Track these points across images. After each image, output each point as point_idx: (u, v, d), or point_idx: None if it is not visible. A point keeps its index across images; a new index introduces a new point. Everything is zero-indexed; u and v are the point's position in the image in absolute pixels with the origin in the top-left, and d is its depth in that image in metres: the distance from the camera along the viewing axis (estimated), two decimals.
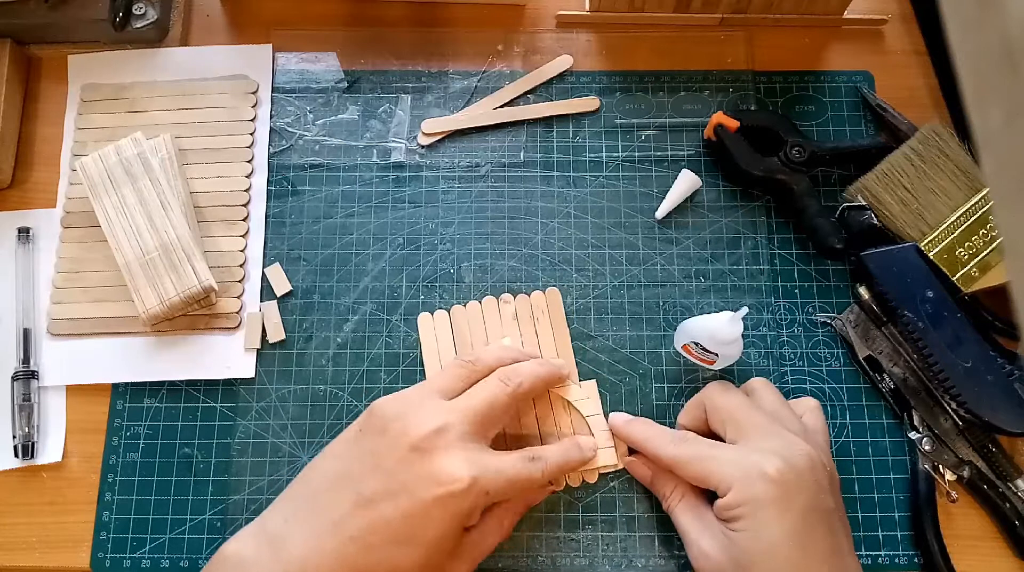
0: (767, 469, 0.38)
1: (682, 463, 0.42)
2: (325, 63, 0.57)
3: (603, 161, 0.54)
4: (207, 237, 0.52)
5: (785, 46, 0.57)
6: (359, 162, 0.54)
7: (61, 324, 0.50)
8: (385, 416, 0.41)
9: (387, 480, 0.38)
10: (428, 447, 0.39)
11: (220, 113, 0.55)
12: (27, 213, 0.53)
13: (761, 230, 0.52)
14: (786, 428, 0.42)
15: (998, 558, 0.46)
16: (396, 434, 0.39)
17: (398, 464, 0.38)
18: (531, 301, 0.51)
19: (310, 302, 0.51)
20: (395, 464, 0.39)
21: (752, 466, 0.39)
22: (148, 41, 0.56)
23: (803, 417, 0.44)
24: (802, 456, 0.40)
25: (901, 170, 0.49)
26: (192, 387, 0.49)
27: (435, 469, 0.38)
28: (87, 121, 0.55)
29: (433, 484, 0.38)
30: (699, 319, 0.46)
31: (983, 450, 0.46)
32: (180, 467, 0.48)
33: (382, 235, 0.53)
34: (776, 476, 0.38)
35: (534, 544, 0.46)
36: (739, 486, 0.39)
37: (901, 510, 0.47)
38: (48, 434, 0.49)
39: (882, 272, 0.47)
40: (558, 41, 0.57)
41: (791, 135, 0.52)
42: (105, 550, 0.47)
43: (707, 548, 0.40)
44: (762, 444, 0.40)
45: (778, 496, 0.38)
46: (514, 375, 0.43)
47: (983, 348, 0.45)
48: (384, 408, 0.41)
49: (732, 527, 0.39)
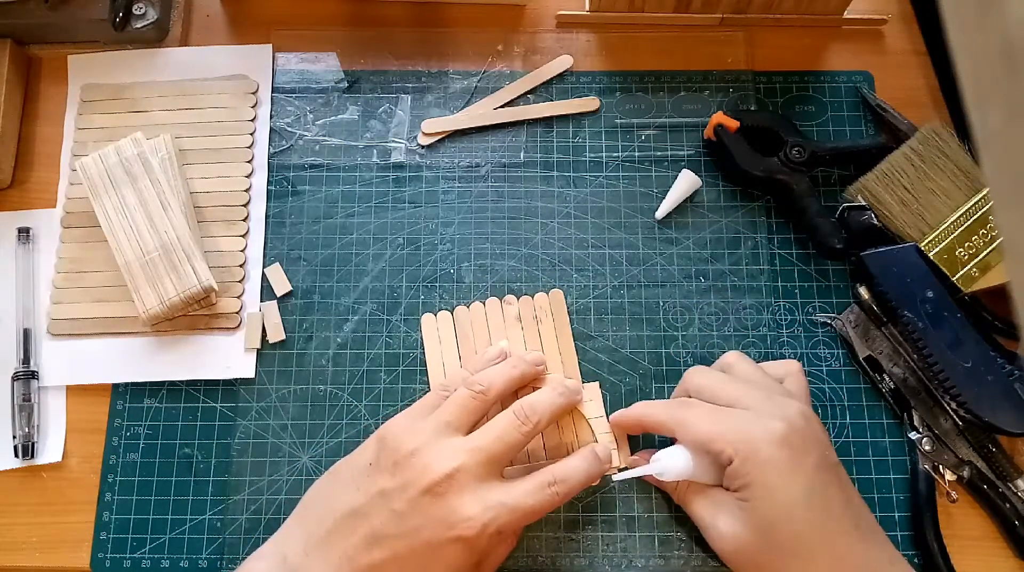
0: (770, 431, 0.39)
1: (687, 426, 0.42)
2: (325, 63, 0.57)
3: (603, 161, 0.54)
4: (207, 237, 0.52)
5: (785, 46, 0.57)
6: (359, 162, 0.54)
7: (61, 324, 0.50)
8: (398, 451, 0.40)
9: (399, 521, 0.38)
10: (441, 491, 0.39)
11: (220, 113, 0.55)
12: (27, 213, 0.53)
13: (761, 230, 0.52)
14: (772, 392, 0.42)
15: (998, 558, 0.46)
16: (409, 477, 0.39)
17: (410, 507, 0.39)
18: (534, 302, 0.51)
19: (310, 302, 0.51)
20: (407, 506, 0.39)
21: (754, 430, 0.39)
22: (148, 41, 0.56)
23: (784, 382, 0.44)
24: (798, 415, 0.40)
25: (901, 170, 0.49)
26: (192, 387, 0.49)
27: (448, 513, 0.38)
28: (87, 121, 0.55)
29: (446, 527, 0.38)
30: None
31: (983, 450, 0.46)
32: (180, 467, 0.48)
33: (382, 235, 0.53)
34: (781, 437, 0.39)
35: (534, 544, 0.46)
36: (744, 451, 0.39)
37: (901, 510, 0.47)
38: (48, 434, 0.49)
39: (882, 272, 0.47)
40: (558, 41, 0.57)
41: (791, 135, 0.52)
42: (105, 550, 0.47)
43: (725, 528, 0.40)
44: (760, 409, 0.41)
45: (787, 457, 0.38)
46: (531, 413, 0.42)
47: (983, 348, 0.45)
48: (397, 442, 0.41)
49: (744, 495, 0.39)
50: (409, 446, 0.40)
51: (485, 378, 0.44)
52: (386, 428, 0.42)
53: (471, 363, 0.48)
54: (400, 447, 0.40)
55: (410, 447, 0.40)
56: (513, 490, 0.40)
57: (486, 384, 0.43)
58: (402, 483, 0.39)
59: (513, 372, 0.45)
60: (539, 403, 0.43)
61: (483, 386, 0.43)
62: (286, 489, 0.47)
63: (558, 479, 0.41)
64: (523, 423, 0.41)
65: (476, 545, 0.38)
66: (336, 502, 0.41)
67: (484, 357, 0.47)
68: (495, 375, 0.44)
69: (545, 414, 0.42)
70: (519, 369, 0.45)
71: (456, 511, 0.38)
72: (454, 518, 0.38)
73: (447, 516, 0.38)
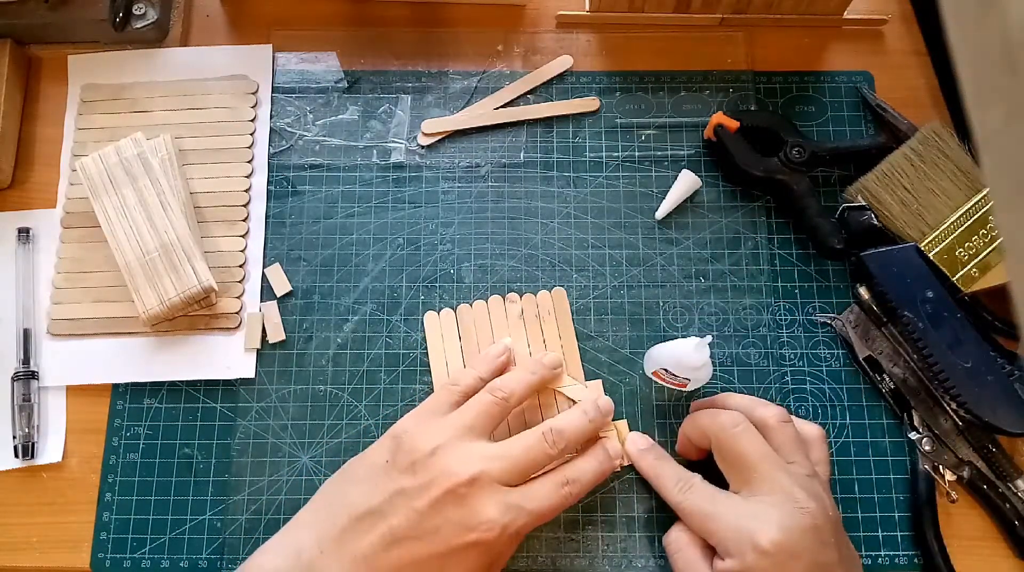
0: (760, 541, 0.37)
1: (685, 515, 0.42)
2: (325, 63, 0.57)
3: (603, 161, 0.54)
4: (207, 237, 0.52)
5: (785, 46, 0.57)
6: (359, 162, 0.54)
7: (61, 324, 0.50)
8: (416, 450, 0.40)
9: (419, 522, 0.38)
10: (463, 493, 0.39)
11: (220, 113, 0.55)
12: (27, 213, 0.53)
13: (761, 230, 0.52)
14: (794, 473, 0.40)
15: (998, 558, 0.46)
16: (430, 477, 0.39)
17: (431, 508, 0.39)
18: (537, 301, 0.51)
19: (310, 302, 0.51)
20: (428, 507, 0.39)
21: (748, 534, 0.38)
22: (148, 41, 0.56)
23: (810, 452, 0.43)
24: (805, 515, 0.38)
25: (901, 170, 0.49)
26: (192, 387, 0.49)
27: (469, 515, 0.38)
28: (87, 121, 0.55)
29: (466, 530, 0.38)
30: (666, 345, 0.46)
31: (983, 450, 0.46)
32: (180, 467, 0.48)
33: (382, 235, 0.53)
34: (770, 548, 0.37)
35: (534, 544, 0.46)
36: (736, 552, 0.38)
37: (901, 510, 0.47)
38: (48, 434, 0.49)
39: (882, 272, 0.47)
40: (558, 41, 0.57)
41: (791, 135, 0.52)
42: (105, 550, 0.47)
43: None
44: (765, 499, 0.39)
45: (771, 567, 0.37)
46: (559, 439, 0.42)
47: (983, 348, 0.45)
48: (415, 441, 0.41)
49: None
50: (427, 446, 0.40)
51: (507, 386, 0.44)
52: (400, 427, 0.42)
53: (477, 361, 0.47)
54: (418, 447, 0.40)
55: (428, 447, 0.40)
56: (530, 492, 0.40)
57: (508, 391, 0.43)
58: (422, 483, 0.39)
59: (533, 378, 0.45)
60: (568, 428, 0.43)
61: (505, 393, 0.43)
62: (286, 489, 0.47)
63: (570, 479, 0.41)
64: (550, 446, 0.41)
65: (494, 547, 0.39)
66: (352, 500, 0.40)
67: (489, 355, 0.47)
68: (516, 382, 0.44)
69: (572, 439, 0.43)
70: (538, 375, 0.46)
71: (477, 514, 0.38)
72: (474, 521, 0.38)
73: (468, 518, 0.38)
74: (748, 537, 0.38)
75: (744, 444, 0.41)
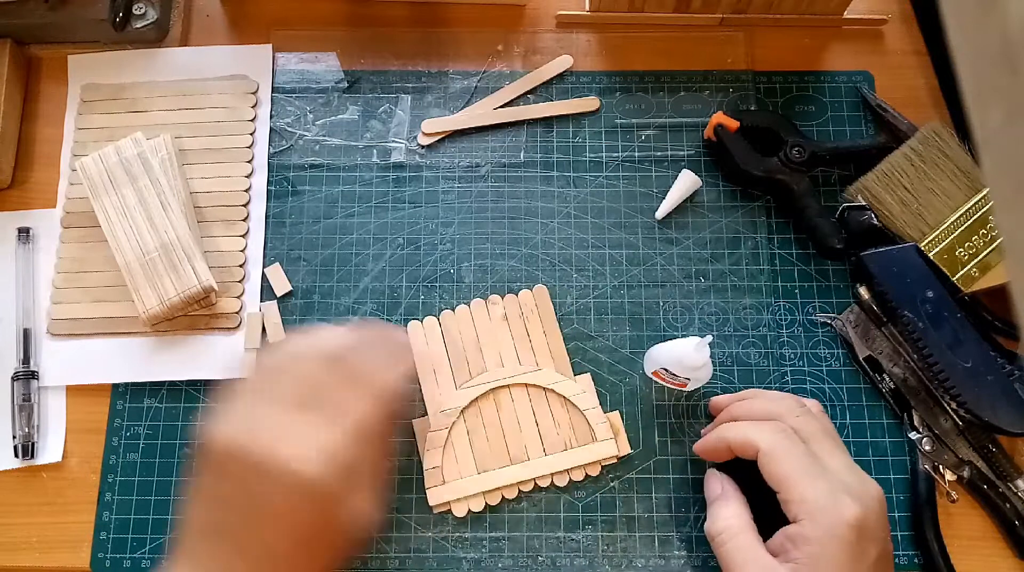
0: (846, 514, 0.37)
1: (775, 450, 0.40)
2: (325, 63, 0.57)
3: (603, 161, 0.54)
4: (207, 237, 0.52)
5: (785, 46, 0.57)
6: (359, 162, 0.54)
7: (61, 324, 0.50)
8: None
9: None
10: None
11: (220, 113, 0.55)
12: (27, 213, 0.53)
13: (761, 230, 0.52)
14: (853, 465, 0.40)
15: (998, 558, 0.46)
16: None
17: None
18: (519, 300, 0.51)
19: (310, 302, 0.51)
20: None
21: (833, 504, 0.37)
22: (148, 41, 0.56)
23: None
24: (876, 499, 0.39)
25: (901, 170, 0.49)
26: (192, 387, 0.49)
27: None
28: (87, 121, 0.55)
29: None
30: (666, 345, 0.46)
31: (983, 450, 0.46)
32: (180, 467, 0.48)
33: (382, 235, 0.53)
34: (855, 522, 0.37)
35: (534, 544, 0.46)
36: (819, 518, 0.37)
37: (901, 510, 0.47)
38: (48, 434, 0.49)
39: (882, 272, 0.47)
40: (558, 41, 0.57)
41: (791, 135, 0.52)
42: (105, 550, 0.47)
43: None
44: (840, 478, 0.39)
45: (853, 543, 0.37)
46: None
47: (983, 348, 0.45)
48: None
49: (791, 557, 0.38)
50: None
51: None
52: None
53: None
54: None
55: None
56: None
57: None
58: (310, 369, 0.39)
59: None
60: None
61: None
62: None
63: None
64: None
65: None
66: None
67: None
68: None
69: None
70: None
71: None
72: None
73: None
74: (834, 507, 0.37)
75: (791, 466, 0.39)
